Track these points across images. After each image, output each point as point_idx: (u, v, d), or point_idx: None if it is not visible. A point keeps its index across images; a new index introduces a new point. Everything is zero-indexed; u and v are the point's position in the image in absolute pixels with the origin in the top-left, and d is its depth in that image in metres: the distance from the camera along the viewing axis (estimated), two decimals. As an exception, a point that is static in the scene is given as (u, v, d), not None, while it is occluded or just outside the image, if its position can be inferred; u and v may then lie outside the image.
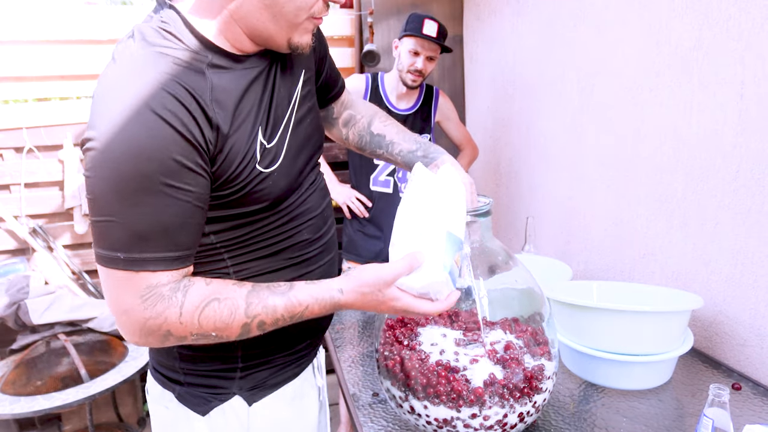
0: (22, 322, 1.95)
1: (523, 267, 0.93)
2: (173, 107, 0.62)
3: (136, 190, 0.61)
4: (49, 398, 1.75)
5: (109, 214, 0.62)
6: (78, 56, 2.21)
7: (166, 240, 0.64)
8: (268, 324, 0.71)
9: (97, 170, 0.61)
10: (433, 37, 1.85)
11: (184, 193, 0.64)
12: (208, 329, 0.68)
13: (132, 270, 0.63)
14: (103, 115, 0.61)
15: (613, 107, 1.46)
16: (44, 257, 2.20)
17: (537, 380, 0.83)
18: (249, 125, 0.72)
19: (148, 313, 0.65)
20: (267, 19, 0.69)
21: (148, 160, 0.60)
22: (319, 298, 0.71)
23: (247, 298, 0.69)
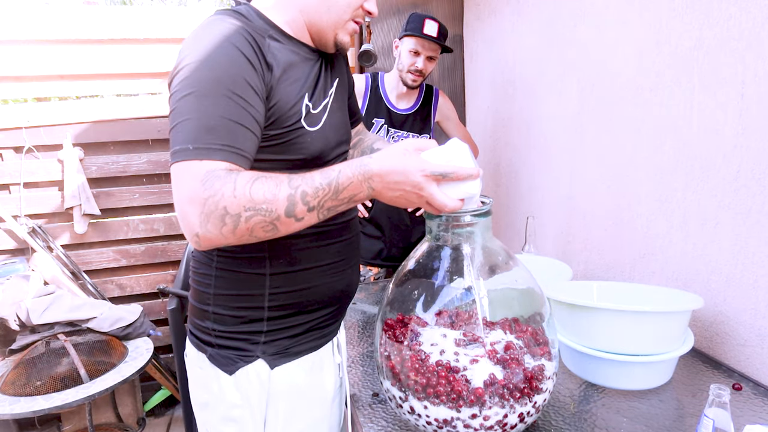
0: (22, 322, 1.95)
1: (523, 267, 0.93)
2: (245, 44, 0.79)
3: (209, 92, 0.75)
4: (48, 398, 1.75)
5: (186, 115, 0.74)
6: (78, 56, 2.21)
7: (229, 135, 0.75)
8: (309, 194, 0.74)
9: (185, 83, 0.76)
10: (433, 37, 1.85)
11: (247, 104, 0.77)
12: (259, 200, 0.72)
13: (197, 159, 0.73)
14: (192, 48, 0.77)
15: (613, 107, 1.46)
16: (44, 257, 2.20)
17: (537, 380, 0.82)
18: (297, 86, 0.87)
19: (206, 192, 0.71)
20: (324, 11, 0.89)
21: (221, 71, 0.76)
22: (351, 165, 0.76)
23: (289, 175, 0.76)
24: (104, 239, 2.38)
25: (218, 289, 0.93)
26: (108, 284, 2.41)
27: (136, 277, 2.45)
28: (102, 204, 2.32)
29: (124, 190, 2.37)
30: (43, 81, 2.22)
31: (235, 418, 0.94)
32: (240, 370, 0.92)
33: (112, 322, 2.09)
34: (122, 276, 2.44)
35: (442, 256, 0.90)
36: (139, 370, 1.96)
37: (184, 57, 0.77)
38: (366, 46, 2.22)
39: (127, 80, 2.32)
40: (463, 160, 0.77)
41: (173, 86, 0.78)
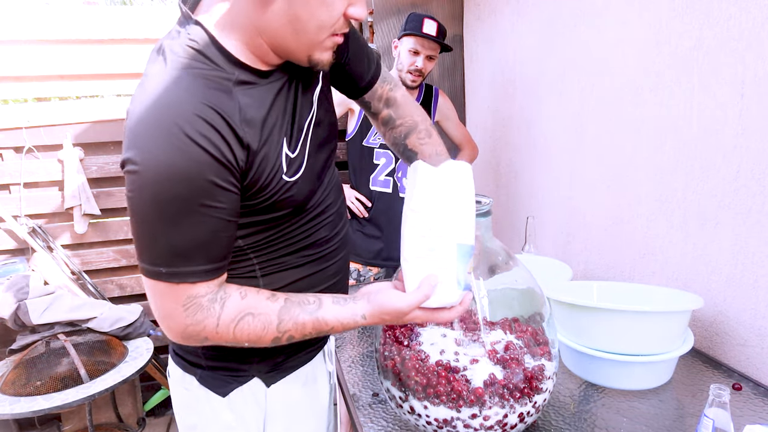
0: (22, 322, 1.95)
1: (523, 267, 0.92)
2: (206, 132, 0.64)
3: (175, 212, 0.65)
4: (48, 398, 1.75)
5: (151, 233, 0.67)
6: (78, 56, 2.21)
7: (203, 254, 0.69)
8: (296, 338, 0.76)
9: (139, 192, 0.65)
10: (432, 36, 1.85)
11: (217, 210, 0.68)
12: (242, 340, 0.73)
13: (173, 282, 0.68)
14: (142, 138, 0.64)
15: (613, 107, 1.46)
16: (44, 257, 2.20)
17: (537, 380, 0.82)
18: (275, 138, 0.75)
19: (188, 320, 0.71)
20: (289, 35, 0.70)
21: (185, 183, 0.64)
22: (344, 321, 0.76)
23: (280, 314, 0.74)
24: (104, 239, 2.38)
25: None
26: (108, 284, 2.41)
27: (136, 277, 2.45)
28: (102, 204, 2.32)
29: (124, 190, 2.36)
30: (43, 81, 2.22)
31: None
32: (234, 391, 0.88)
33: (112, 322, 2.09)
34: (122, 276, 2.44)
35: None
36: (139, 370, 1.96)
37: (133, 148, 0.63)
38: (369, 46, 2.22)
39: (128, 80, 2.32)
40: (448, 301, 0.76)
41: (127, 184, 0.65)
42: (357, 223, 2.07)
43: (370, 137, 1.99)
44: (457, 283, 0.74)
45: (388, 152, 1.99)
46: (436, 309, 0.75)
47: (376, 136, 1.99)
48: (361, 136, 2.00)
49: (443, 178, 0.75)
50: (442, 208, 0.74)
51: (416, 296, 0.73)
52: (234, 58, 0.71)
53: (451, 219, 0.74)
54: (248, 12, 0.69)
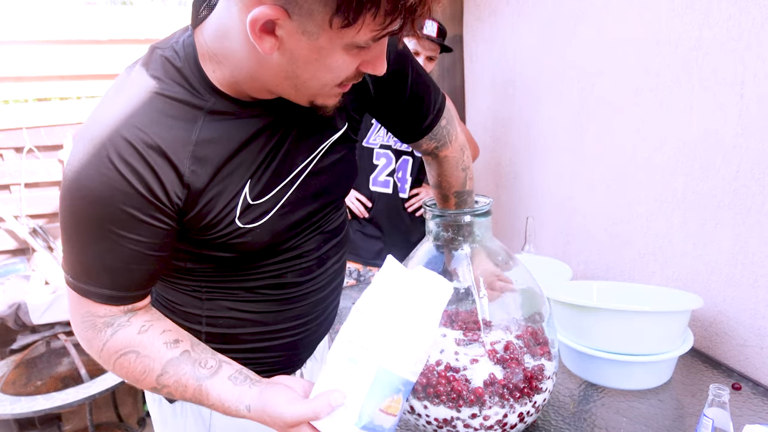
0: (22, 322, 1.95)
1: (523, 267, 0.93)
2: (133, 161, 0.59)
3: (85, 231, 0.62)
4: (49, 398, 1.75)
5: (66, 240, 0.65)
6: (78, 56, 2.21)
7: (108, 279, 0.65)
8: (176, 397, 0.69)
9: (61, 200, 0.62)
10: (433, 37, 1.85)
11: (132, 242, 0.63)
12: (121, 375, 0.70)
13: (78, 293, 0.66)
14: (76, 146, 0.61)
15: (613, 107, 1.46)
16: (44, 257, 2.20)
17: (537, 380, 0.83)
18: (235, 180, 0.68)
19: (82, 334, 0.69)
20: (288, 88, 0.63)
21: (97, 207, 0.60)
22: (226, 404, 0.66)
23: (165, 366, 0.67)
24: (104, 239, 2.38)
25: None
26: (108, 284, 2.41)
27: (136, 277, 2.45)
28: (102, 204, 2.32)
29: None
30: (43, 81, 2.22)
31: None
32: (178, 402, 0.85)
33: (112, 322, 2.09)
34: (122, 276, 2.44)
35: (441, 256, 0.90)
36: (140, 370, 1.96)
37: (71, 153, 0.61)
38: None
39: (128, 80, 2.32)
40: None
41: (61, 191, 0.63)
42: (357, 224, 2.07)
43: (370, 137, 1.99)
44: (358, 416, 0.57)
45: (388, 152, 1.99)
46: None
47: (376, 136, 1.99)
48: (361, 136, 2.00)
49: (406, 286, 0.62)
50: (383, 320, 0.60)
51: (305, 410, 0.60)
52: (213, 86, 0.64)
53: (388, 336, 0.59)
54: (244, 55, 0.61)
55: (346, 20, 0.52)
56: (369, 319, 0.61)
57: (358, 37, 0.55)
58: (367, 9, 0.51)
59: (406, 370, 0.60)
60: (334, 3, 0.51)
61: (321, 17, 0.53)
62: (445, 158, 0.97)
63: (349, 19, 0.52)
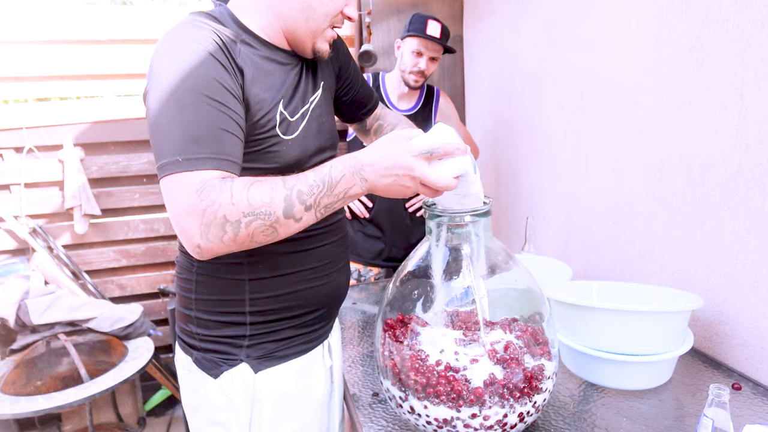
0: (22, 322, 1.96)
1: (523, 267, 0.93)
2: (215, 48, 0.78)
3: (188, 101, 0.73)
4: (49, 398, 1.75)
5: (168, 123, 0.73)
6: (78, 56, 2.21)
7: (216, 143, 0.74)
8: (305, 192, 0.74)
9: (161, 94, 0.74)
10: (436, 38, 1.85)
11: (226, 108, 0.76)
12: (257, 205, 0.72)
13: (189, 170, 0.72)
14: (163, 57, 0.76)
15: (613, 107, 1.46)
16: (44, 257, 2.20)
17: (537, 380, 0.83)
18: (272, 93, 0.85)
19: (204, 203, 0.71)
20: (302, 20, 0.86)
21: (195, 77, 0.74)
22: (342, 160, 0.76)
23: (286, 182, 0.75)
24: (104, 239, 2.38)
25: (199, 294, 0.92)
26: (108, 284, 2.41)
27: (136, 277, 2.45)
28: (102, 204, 2.32)
29: (125, 190, 2.37)
30: (43, 81, 2.22)
31: (221, 421, 0.93)
32: (224, 373, 0.92)
33: (112, 322, 2.09)
34: (122, 276, 2.44)
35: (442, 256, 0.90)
36: (140, 370, 1.96)
37: (156, 68, 0.76)
38: (366, 47, 2.22)
39: (128, 80, 2.32)
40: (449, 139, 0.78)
41: (149, 100, 0.75)
42: (358, 224, 2.07)
43: (370, 137, 1.99)
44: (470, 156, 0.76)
45: (388, 152, 1.99)
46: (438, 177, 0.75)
47: (376, 136, 1.99)
48: (361, 136, 2.00)
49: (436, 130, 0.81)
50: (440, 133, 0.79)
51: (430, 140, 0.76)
52: (246, 27, 0.86)
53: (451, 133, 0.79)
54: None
55: None
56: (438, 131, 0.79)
57: None
58: None
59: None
60: None
61: None
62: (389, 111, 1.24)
63: None
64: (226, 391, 0.92)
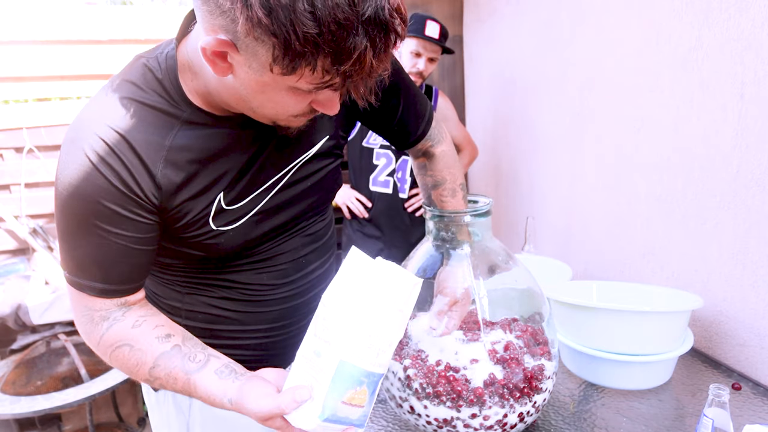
0: (22, 322, 1.95)
1: (523, 267, 0.93)
2: (108, 158, 0.63)
3: (73, 226, 0.66)
4: (49, 398, 1.75)
5: (60, 236, 0.69)
6: (78, 56, 2.21)
7: (99, 273, 0.69)
8: (168, 389, 0.72)
9: (54, 200, 0.67)
10: (435, 39, 1.84)
11: (118, 236, 0.66)
12: (117, 367, 0.73)
13: (75, 288, 0.70)
14: (63, 147, 0.66)
15: (613, 107, 1.46)
16: (44, 257, 2.20)
17: (537, 380, 0.83)
18: (210, 186, 0.71)
19: (81, 327, 0.73)
20: (245, 109, 0.67)
21: (80, 202, 0.64)
22: (212, 398, 0.69)
23: (157, 359, 0.70)
24: (105, 239, 2.38)
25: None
26: (108, 284, 2.41)
27: (136, 277, 2.45)
28: (102, 204, 2.32)
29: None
30: (43, 81, 2.22)
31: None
32: (161, 391, 0.89)
33: (112, 322, 2.09)
34: (122, 276, 2.44)
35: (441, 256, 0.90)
36: (140, 370, 1.96)
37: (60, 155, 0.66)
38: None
39: (128, 80, 2.32)
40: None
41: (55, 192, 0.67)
42: (357, 224, 2.07)
43: (370, 138, 1.99)
44: (321, 409, 0.58)
45: (388, 152, 1.99)
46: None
47: (376, 137, 1.99)
48: (361, 136, 2.00)
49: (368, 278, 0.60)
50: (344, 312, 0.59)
51: (272, 406, 0.62)
52: (186, 98, 0.68)
53: (348, 329, 0.58)
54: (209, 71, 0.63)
55: (284, 69, 0.54)
56: (331, 312, 0.61)
57: (300, 84, 0.57)
58: (305, 65, 0.53)
59: (368, 362, 0.60)
60: (272, 52, 0.53)
61: (263, 59, 0.55)
62: (443, 153, 1.00)
63: (287, 69, 0.54)
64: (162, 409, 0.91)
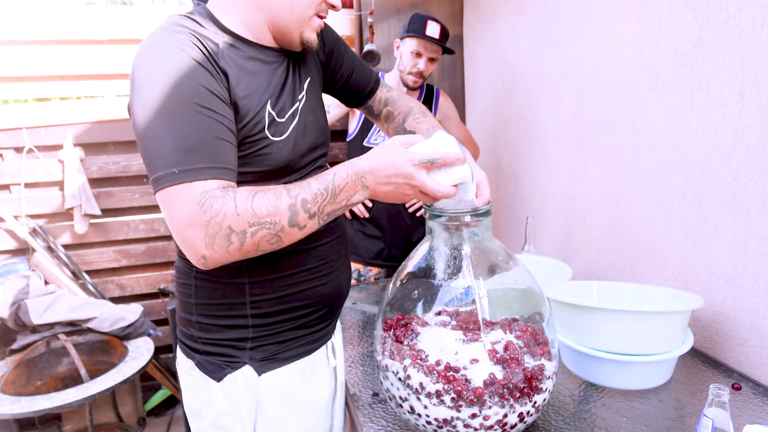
0: (22, 322, 1.95)
1: (523, 267, 0.93)
2: (194, 51, 0.75)
3: (178, 111, 0.72)
4: (49, 398, 1.75)
5: (158, 135, 0.72)
6: (78, 56, 2.21)
7: (210, 152, 0.73)
8: (309, 201, 0.76)
9: (147, 105, 0.72)
10: (435, 39, 1.84)
11: (216, 114, 0.75)
12: (262, 214, 0.73)
13: (187, 181, 0.71)
14: (146, 65, 0.74)
15: (613, 107, 1.46)
16: (44, 257, 2.20)
17: (537, 380, 0.83)
18: (259, 94, 0.82)
19: (207, 215, 0.71)
20: (286, 10, 0.83)
21: (182, 86, 0.72)
22: (344, 168, 0.78)
23: (289, 190, 0.76)
24: (105, 239, 2.38)
25: (199, 298, 0.91)
26: (108, 284, 2.41)
27: (136, 277, 2.45)
28: (102, 204, 2.32)
29: (125, 190, 2.37)
30: (43, 81, 2.22)
31: (224, 425, 0.92)
32: (228, 377, 0.91)
33: (112, 322, 2.09)
34: (122, 276, 2.44)
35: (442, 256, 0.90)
36: (140, 370, 1.96)
37: (140, 78, 0.74)
38: (369, 47, 2.22)
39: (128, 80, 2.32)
40: (448, 148, 0.79)
41: (135, 111, 0.74)
42: (358, 223, 2.07)
43: (371, 137, 1.99)
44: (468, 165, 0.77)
45: (388, 152, 1.99)
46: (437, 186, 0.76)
47: (377, 137, 1.99)
48: (362, 136, 2.00)
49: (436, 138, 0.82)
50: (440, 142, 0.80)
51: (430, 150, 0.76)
52: (227, 29, 0.83)
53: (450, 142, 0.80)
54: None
55: None
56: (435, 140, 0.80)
57: None
58: None
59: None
60: None
61: None
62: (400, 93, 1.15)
63: None
64: (229, 394, 0.91)
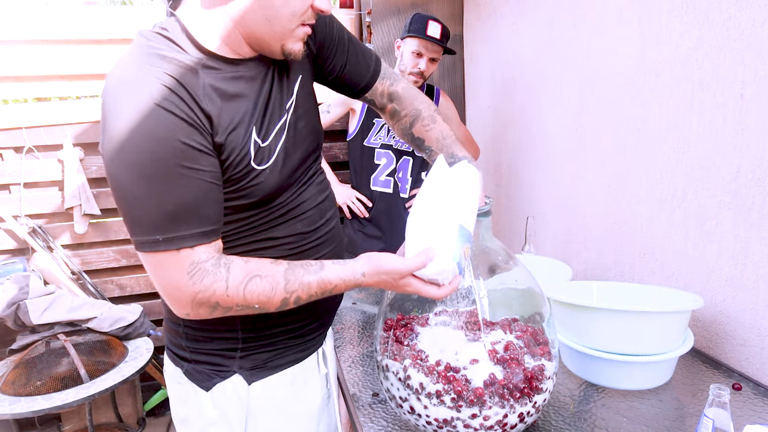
0: (22, 322, 1.95)
1: (523, 267, 0.93)
2: (170, 97, 0.68)
3: (158, 177, 0.67)
4: (48, 398, 1.75)
5: (138, 196, 0.68)
6: (78, 56, 2.21)
7: (195, 217, 0.70)
8: (303, 299, 0.78)
9: (120, 164, 0.67)
10: (436, 39, 1.84)
11: (199, 172, 0.70)
12: (252, 302, 0.75)
13: (173, 249, 0.69)
14: (114, 113, 0.67)
15: (613, 107, 1.46)
16: (44, 257, 2.20)
17: (537, 380, 0.82)
18: (244, 123, 0.77)
19: (196, 287, 0.71)
20: (263, 23, 0.74)
21: (160, 146, 0.66)
22: (346, 279, 0.78)
23: (285, 275, 0.76)
24: (104, 239, 2.38)
25: None
26: (108, 284, 2.41)
27: (136, 277, 2.45)
28: (102, 204, 2.32)
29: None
30: (43, 81, 2.22)
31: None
32: (217, 386, 0.89)
33: (112, 322, 2.08)
34: (122, 276, 2.44)
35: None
36: (140, 370, 1.96)
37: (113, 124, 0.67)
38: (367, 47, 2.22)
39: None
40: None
41: (109, 162, 0.68)
42: (358, 224, 2.07)
43: (371, 137, 1.99)
44: (453, 257, 0.77)
45: (389, 152, 1.99)
46: (429, 283, 0.78)
47: (377, 136, 1.99)
48: (362, 136, 2.00)
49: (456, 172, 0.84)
50: (451, 193, 0.81)
51: (414, 262, 0.76)
52: (202, 47, 0.75)
53: (457, 202, 0.80)
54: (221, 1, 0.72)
55: None
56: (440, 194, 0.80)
57: None
58: None
59: (472, 226, 0.82)
60: None
61: None
62: (405, 89, 1.07)
63: None
64: (219, 403, 0.89)
